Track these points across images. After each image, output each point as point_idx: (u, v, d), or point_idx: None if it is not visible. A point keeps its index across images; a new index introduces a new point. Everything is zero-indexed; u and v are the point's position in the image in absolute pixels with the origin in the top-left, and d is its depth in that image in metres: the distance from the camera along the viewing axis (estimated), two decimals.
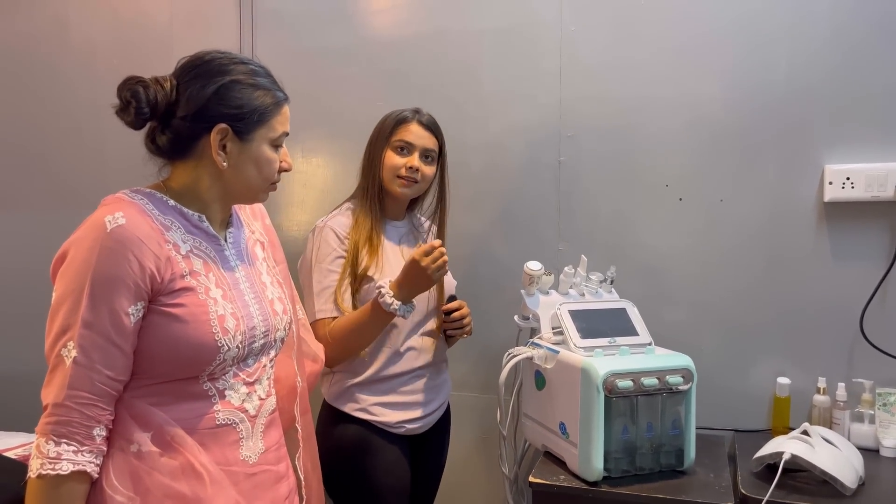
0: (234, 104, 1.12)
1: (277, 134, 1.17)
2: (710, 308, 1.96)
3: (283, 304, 1.28)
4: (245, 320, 1.16)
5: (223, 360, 1.12)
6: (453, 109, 2.11)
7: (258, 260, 1.28)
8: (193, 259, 1.13)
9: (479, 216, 2.14)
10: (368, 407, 1.70)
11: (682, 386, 1.55)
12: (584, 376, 1.52)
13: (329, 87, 2.23)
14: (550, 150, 2.06)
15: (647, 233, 2.00)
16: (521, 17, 2.07)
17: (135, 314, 1.06)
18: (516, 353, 1.74)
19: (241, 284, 1.20)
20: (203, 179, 1.16)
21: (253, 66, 1.17)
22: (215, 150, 1.12)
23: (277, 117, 1.17)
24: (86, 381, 1.03)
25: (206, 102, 1.11)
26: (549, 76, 2.05)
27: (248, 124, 1.13)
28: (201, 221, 1.17)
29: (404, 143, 1.74)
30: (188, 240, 1.14)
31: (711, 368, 1.91)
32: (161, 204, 1.14)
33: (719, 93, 1.93)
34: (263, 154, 1.16)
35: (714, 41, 1.93)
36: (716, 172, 1.94)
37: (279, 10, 2.28)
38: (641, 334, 1.67)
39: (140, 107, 1.09)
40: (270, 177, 1.18)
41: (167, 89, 1.11)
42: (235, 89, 1.12)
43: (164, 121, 1.13)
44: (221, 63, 1.13)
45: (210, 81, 1.11)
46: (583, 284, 1.83)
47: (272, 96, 1.16)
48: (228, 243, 1.22)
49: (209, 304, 1.11)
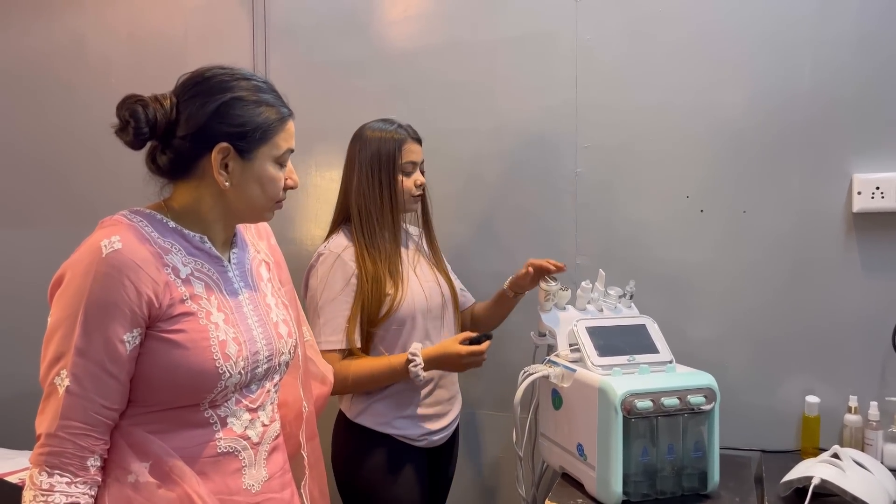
0: (236, 122, 1.08)
1: (281, 151, 1.13)
2: (734, 323, 1.90)
3: (289, 326, 1.25)
4: (248, 345, 1.13)
5: (225, 386, 1.09)
6: (467, 121, 2.09)
7: (263, 281, 1.25)
8: (194, 282, 1.10)
9: (493, 230, 2.10)
10: (392, 421, 1.72)
11: (705, 406, 1.49)
12: (601, 396, 1.47)
13: (342, 99, 2.21)
14: (567, 161, 2.02)
15: (668, 246, 1.95)
16: (534, 26, 2.04)
17: (131, 341, 1.03)
18: (532, 371, 1.70)
19: (245, 307, 1.17)
20: (205, 199, 1.13)
21: (256, 81, 1.14)
22: (216, 169, 1.09)
23: (281, 134, 1.13)
24: (79, 411, 1.00)
25: (207, 121, 1.08)
26: (564, 86, 2.02)
27: (250, 142, 1.10)
28: (203, 243, 1.14)
29: (411, 164, 1.77)
30: (189, 262, 1.11)
31: (736, 386, 1.85)
32: (161, 226, 1.11)
33: (741, 100, 1.87)
34: (267, 172, 1.12)
35: (736, 47, 1.88)
36: (739, 183, 1.89)
37: (292, 23, 2.27)
38: (662, 352, 1.62)
39: (139, 126, 1.06)
40: (275, 195, 1.15)
41: (167, 108, 1.09)
42: (237, 107, 1.09)
43: (165, 140, 1.10)
44: (222, 80, 1.10)
45: (210, 99, 1.08)
46: (601, 300, 1.78)
47: (276, 112, 1.13)
48: (232, 264, 1.19)
49: (210, 330, 1.08)
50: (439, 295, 1.79)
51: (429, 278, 1.79)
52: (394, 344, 1.72)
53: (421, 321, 1.74)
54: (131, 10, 2.43)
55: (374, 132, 1.75)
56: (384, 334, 1.72)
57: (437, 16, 2.13)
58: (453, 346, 1.63)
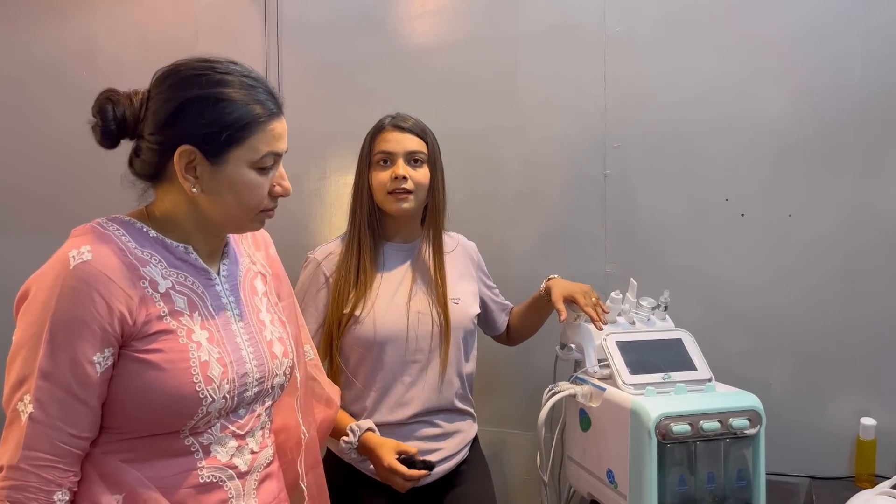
0: (200, 121, 0.97)
1: (259, 155, 1.00)
2: (778, 337, 1.79)
3: (285, 345, 1.14)
4: (234, 366, 1.02)
5: (207, 412, 0.98)
6: (489, 120, 2.01)
7: (257, 295, 1.15)
8: (175, 297, 1.00)
9: (517, 235, 2.01)
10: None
11: (749, 430, 1.38)
12: (633, 419, 1.36)
13: (357, 99, 2.14)
14: (595, 162, 1.93)
15: (705, 253, 1.85)
16: (560, 18, 1.95)
17: (101, 362, 0.93)
18: (558, 389, 1.59)
19: (234, 325, 1.06)
20: (180, 206, 1.03)
21: (239, 76, 1.02)
22: (181, 174, 0.99)
23: (260, 136, 1.00)
24: (44, 441, 0.90)
25: (167, 120, 0.98)
26: (592, 82, 1.92)
27: (216, 145, 0.98)
28: (188, 253, 1.04)
29: (384, 153, 1.58)
30: (170, 275, 1.01)
31: (782, 406, 1.73)
32: (139, 235, 1.01)
33: (785, 95, 1.77)
34: (242, 179, 1.00)
35: (778, 36, 1.77)
36: (783, 184, 1.78)
37: (305, 21, 2.20)
38: (700, 369, 1.50)
39: (106, 124, 0.98)
40: (255, 204, 1.03)
41: (136, 104, 1.00)
42: (203, 104, 0.98)
43: (138, 140, 1.02)
44: (195, 73, 1.00)
45: (175, 95, 0.98)
46: (632, 311, 1.66)
47: (255, 111, 1.00)
48: (221, 277, 1.09)
49: (190, 350, 0.98)
50: (429, 328, 1.58)
51: (421, 307, 1.59)
52: (360, 373, 1.58)
53: (395, 354, 1.56)
54: (142, 10, 2.39)
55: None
56: (348, 356, 1.59)
57: (457, 10, 2.05)
58: (385, 451, 1.43)
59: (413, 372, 1.58)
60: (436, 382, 1.59)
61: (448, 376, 1.60)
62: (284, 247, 2.06)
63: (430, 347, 1.58)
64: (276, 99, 1.04)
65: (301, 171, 2.19)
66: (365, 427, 1.48)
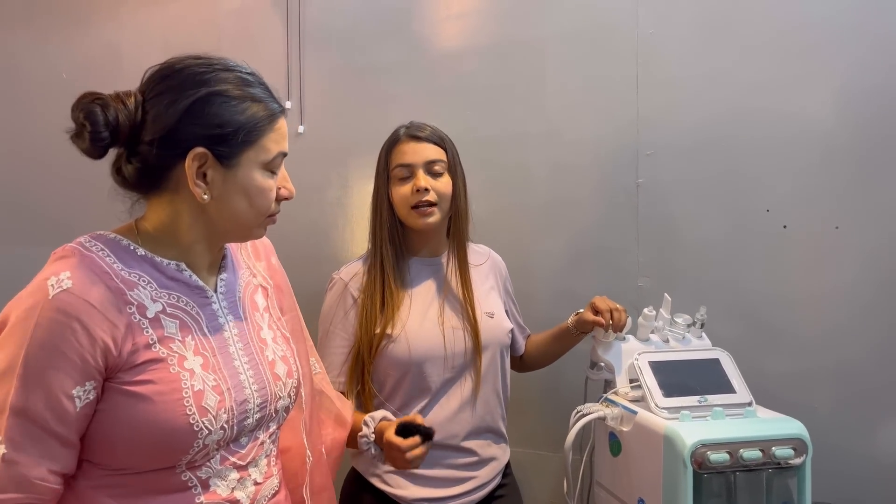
0: (213, 122, 0.92)
1: (271, 156, 0.97)
2: (824, 358, 1.72)
3: (289, 364, 1.08)
4: (233, 393, 0.96)
5: (203, 445, 0.92)
6: (515, 127, 1.95)
7: (258, 311, 1.08)
8: (165, 321, 0.94)
9: (544, 248, 1.94)
10: (384, 475, 1.49)
11: (794, 460, 1.29)
12: (667, 446, 1.29)
13: (380, 106, 2.09)
14: (627, 170, 1.86)
15: (745, 267, 1.77)
16: (590, 20, 1.89)
17: (82, 396, 0.86)
18: (586, 411, 1.51)
19: (232, 346, 1.00)
20: (182, 217, 0.97)
21: (240, 72, 0.97)
22: (192, 180, 0.93)
23: (271, 135, 0.96)
24: (21, 482, 0.84)
25: (178, 122, 0.91)
26: (624, 86, 1.86)
27: (232, 146, 0.93)
28: (180, 271, 0.98)
29: (403, 167, 1.52)
30: (161, 297, 0.94)
31: (829, 432, 1.63)
32: (126, 254, 0.94)
33: (830, 100, 1.70)
34: (255, 181, 0.96)
35: (822, 40, 1.70)
36: (828, 195, 1.71)
37: (328, 27, 2.17)
38: (739, 391, 1.42)
39: (96, 130, 0.90)
40: (265, 209, 0.98)
41: (130, 108, 0.92)
42: (214, 103, 0.92)
43: (130, 146, 0.94)
44: (196, 71, 0.94)
45: (182, 95, 0.92)
46: (666, 329, 1.59)
47: (264, 109, 0.96)
48: (219, 294, 1.02)
49: (183, 379, 0.91)
50: (463, 343, 1.52)
51: (454, 322, 1.53)
52: (395, 395, 1.51)
53: (432, 373, 1.49)
54: (166, 18, 2.38)
55: None
56: (382, 381, 1.52)
57: (482, 13, 2.00)
58: (387, 429, 1.31)
59: (451, 391, 1.51)
60: (473, 401, 1.52)
61: (485, 394, 1.54)
62: (304, 257, 2.02)
63: (465, 364, 1.52)
64: (275, 97, 0.99)
65: (323, 179, 2.15)
66: (379, 417, 1.38)
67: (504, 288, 1.69)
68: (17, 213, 2.44)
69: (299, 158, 2.16)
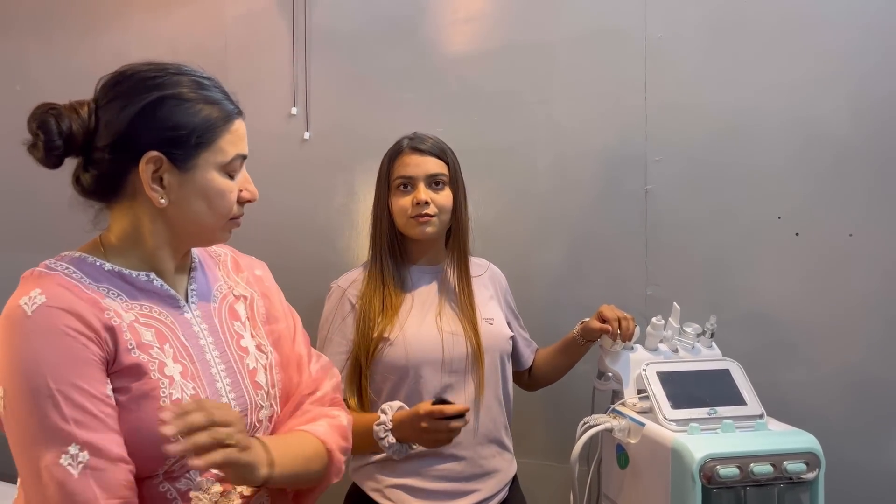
0: (166, 125, 0.92)
1: (228, 157, 0.97)
2: (838, 368, 1.68)
3: (271, 374, 1.06)
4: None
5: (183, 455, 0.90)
6: (522, 132, 1.93)
7: (238, 320, 1.07)
8: (141, 329, 0.93)
9: (551, 255, 1.92)
10: (385, 489, 1.47)
11: (806, 475, 1.26)
12: (675, 459, 1.26)
13: (387, 112, 2.08)
14: (635, 176, 1.83)
15: (756, 275, 1.74)
16: (598, 24, 1.86)
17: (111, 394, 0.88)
18: (593, 422, 1.48)
19: (208, 354, 0.99)
20: (143, 222, 0.97)
21: (195, 76, 0.97)
22: (147, 184, 0.93)
23: (227, 136, 0.96)
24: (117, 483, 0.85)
25: (129, 127, 0.91)
26: (632, 90, 1.83)
27: (186, 149, 0.93)
28: (151, 281, 0.98)
29: (404, 178, 1.53)
30: (133, 308, 0.94)
31: (843, 445, 1.59)
32: (93, 270, 0.94)
33: (845, 104, 1.66)
34: (213, 184, 0.96)
35: (837, 39, 1.67)
36: (842, 200, 1.67)
37: (334, 32, 2.16)
38: (750, 403, 1.40)
39: (50, 140, 0.91)
40: (226, 211, 0.98)
41: (84, 116, 0.93)
42: (166, 107, 0.92)
43: (87, 155, 0.95)
44: (147, 76, 0.94)
45: (132, 100, 0.92)
46: (675, 338, 1.57)
47: (219, 111, 0.96)
48: (191, 303, 1.02)
49: (161, 386, 0.90)
50: (463, 349, 1.50)
51: (453, 328, 1.52)
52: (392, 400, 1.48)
53: (430, 378, 1.48)
54: (173, 25, 2.38)
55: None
56: (380, 386, 1.50)
57: (489, 18, 1.99)
58: (419, 406, 1.34)
59: (453, 397, 1.47)
60: (475, 409, 1.50)
61: (487, 401, 1.52)
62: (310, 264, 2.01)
63: (465, 370, 1.50)
64: (232, 99, 0.99)
65: (329, 186, 2.14)
66: (396, 406, 1.40)
67: (504, 301, 1.67)
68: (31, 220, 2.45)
69: (305, 165, 2.17)
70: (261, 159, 2.23)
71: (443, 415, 1.30)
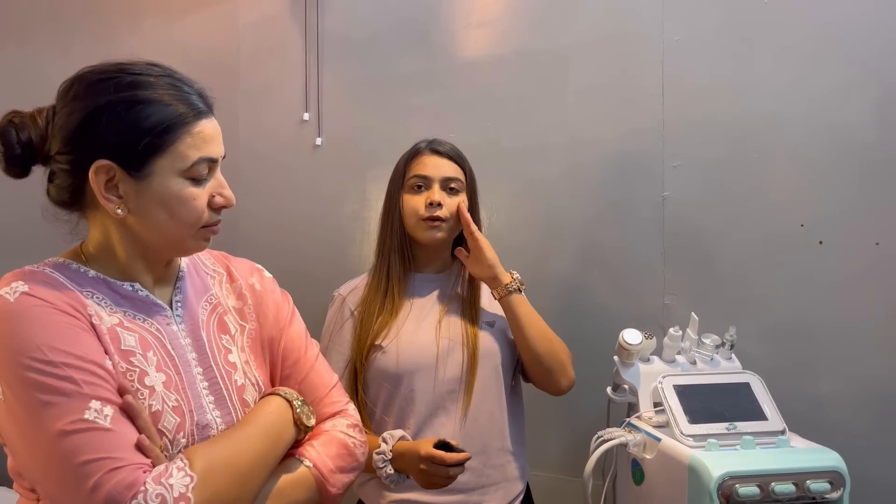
0: (112, 130, 0.87)
1: (189, 162, 0.90)
2: (864, 381, 1.62)
3: (259, 390, 1.03)
4: (195, 415, 0.91)
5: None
6: (535, 138, 1.91)
7: (228, 334, 1.03)
8: (123, 334, 0.89)
9: (564, 263, 1.89)
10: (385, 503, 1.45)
11: (830, 494, 1.21)
12: (692, 477, 1.22)
13: (400, 117, 2.07)
14: (652, 183, 1.80)
15: (777, 285, 1.70)
16: (614, 27, 1.84)
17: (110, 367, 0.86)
18: (608, 436, 1.44)
19: (193, 368, 0.95)
20: (111, 233, 0.93)
21: (154, 76, 0.91)
22: (100, 194, 0.89)
23: (186, 140, 0.90)
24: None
25: (74, 134, 0.88)
26: (649, 95, 1.80)
27: (137, 155, 0.88)
28: (136, 291, 0.95)
29: (420, 178, 1.51)
30: (116, 312, 0.91)
31: (869, 464, 1.54)
32: (77, 275, 0.92)
33: (870, 108, 1.62)
34: (172, 191, 0.90)
35: (862, 43, 1.62)
36: (868, 208, 1.63)
37: (347, 37, 2.16)
38: (771, 418, 1.35)
39: (9, 150, 0.89)
40: (192, 220, 0.92)
41: (41, 124, 0.90)
42: (114, 111, 0.87)
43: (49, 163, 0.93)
44: (98, 79, 0.89)
45: (78, 106, 0.88)
46: (693, 350, 1.52)
47: (180, 109, 0.90)
48: (175, 315, 0.98)
49: (140, 397, 0.87)
50: (460, 356, 1.47)
51: (453, 335, 1.48)
52: (391, 409, 1.47)
53: (424, 387, 1.44)
54: (186, 30, 2.40)
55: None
56: (376, 395, 1.48)
57: (503, 22, 1.96)
58: (421, 444, 1.31)
59: (450, 406, 1.45)
60: (475, 417, 1.46)
61: (489, 409, 1.48)
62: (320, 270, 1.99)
63: (460, 378, 1.46)
64: (204, 98, 0.94)
65: (341, 192, 2.12)
66: (398, 435, 1.37)
67: None
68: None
69: (317, 171, 2.16)
70: (272, 165, 2.26)
71: (443, 462, 1.27)
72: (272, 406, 0.97)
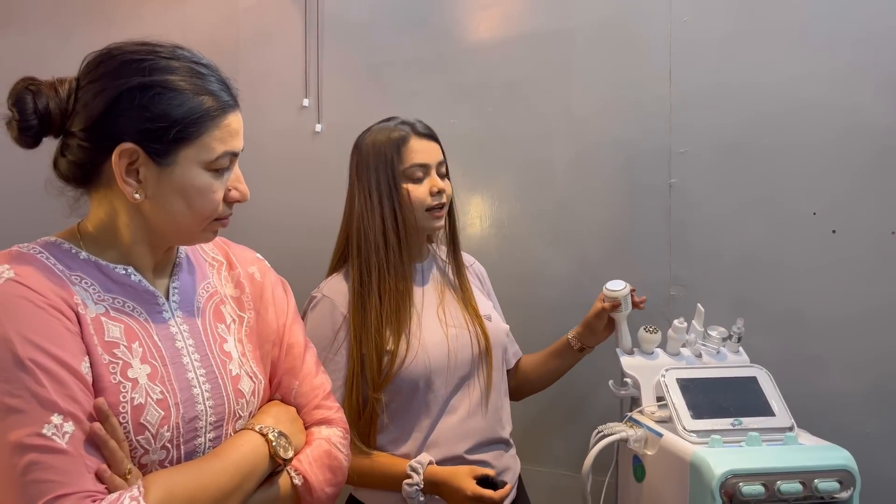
0: (144, 115, 0.85)
1: (215, 155, 0.89)
2: (876, 376, 1.58)
3: (255, 382, 1.00)
4: (181, 409, 0.88)
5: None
6: (539, 123, 1.86)
7: (224, 322, 1.01)
8: (108, 325, 0.87)
9: (567, 253, 1.84)
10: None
11: (840, 494, 1.17)
12: (693, 474, 1.18)
13: (401, 103, 2.02)
14: (659, 170, 1.75)
15: (788, 275, 1.65)
16: (619, 7, 1.79)
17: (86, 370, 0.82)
18: (608, 431, 1.41)
19: (185, 357, 0.92)
20: (119, 214, 0.91)
21: (187, 61, 0.90)
22: (120, 177, 0.86)
23: (215, 132, 0.89)
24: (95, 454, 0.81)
25: (104, 114, 0.85)
26: (655, 79, 1.75)
27: (165, 143, 0.86)
28: (128, 276, 0.92)
29: (420, 166, 1.43)
30: (104, 300, 0.88)
31: (882, 462, 1.51)
32: (68, 257, 0.89)
33: (886, 92, 1.56)
34: (194, 182, 0.89)
35: (880, 24, 1.57)
36: (884, 195, 1.58)
37: (348, 21, 2.12)
38: (779, 414, 1.31)
39: (25, 118, 0.85)
40: (208, 211, 0.91)
41: (63, 95, 0.87)
42: (147, 95, 0.85)
43: (64, 137, 0.89)
44: (133, 59, 0.87)
45: (111, 84, 0.85)
46: (699, 343, 1.49)
47: (209, 102, 0.89)
48: (171, 301, 0.96)
49: (122, 390, 0.84)
50: (468, 346, 1.43)
51: (457, 322, 1.44)
52: (400, 415, 1.40)
53: (440, 384, 1.39)
54: (185, 14, 2.38)
55: (372, 135, 1.48)
56: (388, 402, 1.40)
57: (506, 5, 1.92)
58: (461, 479, 1.29)
59: (459, 400, 1.42)
60: (484, 409, 1.44)
61: (495, 400, 1.46)
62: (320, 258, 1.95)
63: (470, 369, 1.43)
64: (230, 90, 0.92)
65: (341, 180, 2.07)
66: (426, 462, 1.33)
67: (489, 295, 1.63)
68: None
69: (316, 158, 2.13)
70: (271, 153, 2.22)
71: (493, 502, 1.27)
72: (243, 440, 0.94)
